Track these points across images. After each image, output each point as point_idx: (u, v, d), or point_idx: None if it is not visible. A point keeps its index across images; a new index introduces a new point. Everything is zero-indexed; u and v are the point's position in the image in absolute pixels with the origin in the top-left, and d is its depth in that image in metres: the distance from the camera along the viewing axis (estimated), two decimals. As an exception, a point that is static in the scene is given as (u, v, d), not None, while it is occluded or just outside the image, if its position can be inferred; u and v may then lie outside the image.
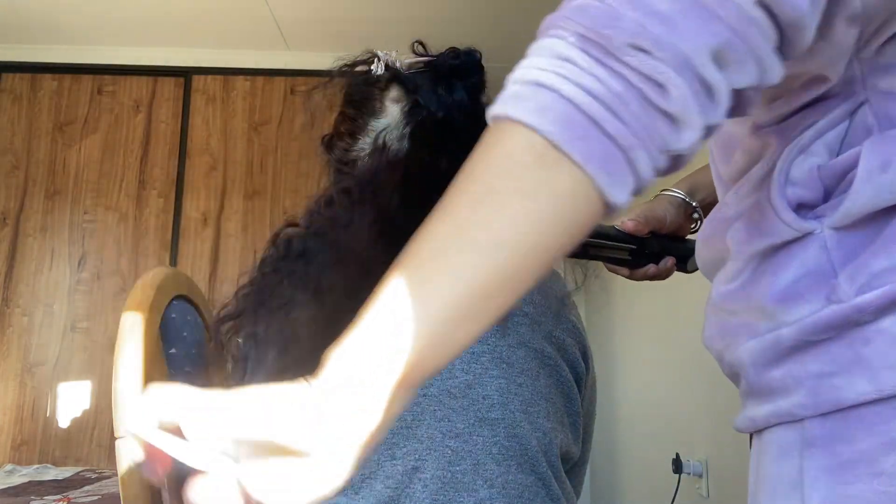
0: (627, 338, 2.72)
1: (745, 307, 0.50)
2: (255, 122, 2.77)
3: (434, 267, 0.38)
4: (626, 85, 0.36)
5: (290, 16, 2.58)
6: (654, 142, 0.37)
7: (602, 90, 0.36)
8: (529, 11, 2.54)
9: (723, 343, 0.54)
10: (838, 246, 0.44)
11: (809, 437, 0.44)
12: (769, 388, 0.48)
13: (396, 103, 0.83)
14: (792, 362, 0.46)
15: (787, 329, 0.45)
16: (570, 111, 0.36)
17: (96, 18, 2.61)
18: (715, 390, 1.79)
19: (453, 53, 0.86)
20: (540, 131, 0.36)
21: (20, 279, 2.61)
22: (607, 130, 0.36)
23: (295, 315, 0.69)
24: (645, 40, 0.36)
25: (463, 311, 0.37)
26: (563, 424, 0.77)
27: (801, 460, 0.44)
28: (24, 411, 2.53)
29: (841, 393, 0.42)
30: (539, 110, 0.37)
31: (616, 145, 0.36)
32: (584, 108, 0.36)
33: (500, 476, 0.69)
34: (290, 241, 0.79)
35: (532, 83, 0.38)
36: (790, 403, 0.45)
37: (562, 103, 0.36)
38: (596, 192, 0.36)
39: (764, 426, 0.49)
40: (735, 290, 0.51)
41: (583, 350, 0.83)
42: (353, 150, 0.85)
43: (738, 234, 0.50)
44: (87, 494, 1.82)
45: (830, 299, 0.44)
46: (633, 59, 0.36)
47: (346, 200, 0.79)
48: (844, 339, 0.43)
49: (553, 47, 0.39)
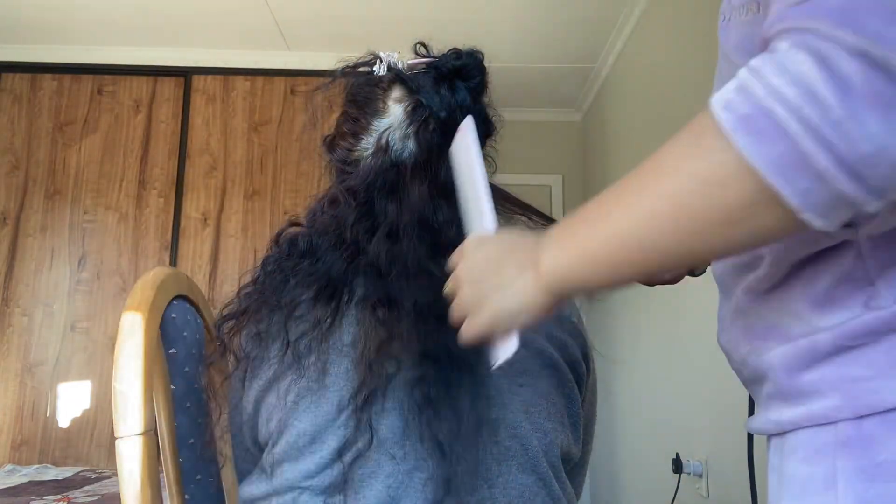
0: (628, 338, 2.72)
1: (778, 312, 0.50)
2: (255, 122, 2.77)
3: (607, 213, 0.47)
4: None
5: (290, 16, 2.58)
6: None
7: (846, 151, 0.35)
8: (529, 11, 2.54)
9: (748, 347, 0.54)
10: (872, 254, 0.45)
11: (844, 438, 0.45)
12: (801, 391, 0.49)
13: (399, 103, 0.83)
14: (827, 367, 0.47)
15: (823, 334, 0.46)
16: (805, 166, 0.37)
17: (96, 18, 2.60)
18: (715, 391, 1.79)
19: (455, 54, 0.86)
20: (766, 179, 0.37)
21: (20, 279, 2.61)
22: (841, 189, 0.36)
23: None
24: None
25: (610, 252, 0.46)
26: (564, 425, 0.77)
27: (835, 461, 0.46)
28: (24, 411, 2.53)
29: (879, 396, 0.44)
30: (773, 161, 0.37)
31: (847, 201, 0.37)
32: (794, 131, 0.36)
33: (501, 476, 0.69)
34: (294, 240, 0.79)
35: (766, 97, 0.37)
36: (824, 406, 0.46)
37: (789, 119, 0.36)
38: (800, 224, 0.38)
39: (791, 428, 0.50)
40: (766, 295, 0.51)
41: (584, 351, 0.83)
42: (355, 150, 0.85)
43: None
44: (87, 494, 1.82)
45: (869, 306, 0.45)
46: None
47: (350, 200, 0.79)
48: (882, 345, 0.44)
49: (801, 62, 0.36)
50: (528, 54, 2.86)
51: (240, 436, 0.81)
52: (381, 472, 0.68)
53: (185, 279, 0.90)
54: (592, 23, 2.61)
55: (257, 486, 0.75)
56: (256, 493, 0.74)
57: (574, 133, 3.56)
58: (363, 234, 0.76)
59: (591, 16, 2.55)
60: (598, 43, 2.78)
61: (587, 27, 2.64)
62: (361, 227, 0.76)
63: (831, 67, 0.34)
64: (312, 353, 0.71)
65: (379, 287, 0.72)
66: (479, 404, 0.69)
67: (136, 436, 0.71)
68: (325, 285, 0.73)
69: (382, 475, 0.68)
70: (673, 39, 2.10)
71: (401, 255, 0.73)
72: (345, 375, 0.70)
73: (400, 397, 0.69)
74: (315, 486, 0.69)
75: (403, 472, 0.68)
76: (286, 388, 0.72)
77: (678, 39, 2.04)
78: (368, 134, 0.84)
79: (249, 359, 0.75)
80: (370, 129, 0.84)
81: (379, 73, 0.85)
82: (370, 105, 0.84)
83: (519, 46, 2.79)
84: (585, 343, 0.84)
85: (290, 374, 0.72)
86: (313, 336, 0.71)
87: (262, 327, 0.74)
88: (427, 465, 0.67)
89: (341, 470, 0.68)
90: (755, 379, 0.56)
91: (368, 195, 0.79)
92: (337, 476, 0.68)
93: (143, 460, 0.70)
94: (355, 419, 0.68)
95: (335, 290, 0.73)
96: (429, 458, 0.67)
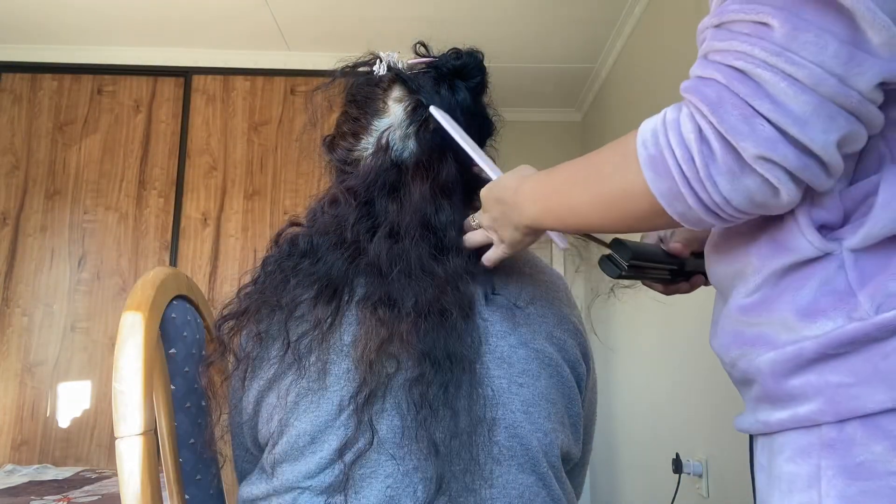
0: (627, 338, 2.72)
1: (766, 320, 0.54)
2: (255, 122, 2.77)
3: (558, 182, 0.66)
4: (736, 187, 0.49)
5: (290, 16, 2.58)
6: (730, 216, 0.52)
7: (706, 197, 0.51)
8: (529, 11, 2.54)
9: (738, 351, 0.58)
10: (855, 266, 0.49)
11: (827, 440, 0.49)
12: (787, 395, 0.52)
13: (399, 103, 0.83)
14: (811, 373, 0.50)
15: (809, 343, 0.50)
16: (672, 174, 0.52)
17: (96, 18, 2.61)
18: (715, 390, 1.79)
19: (455, 54, 0.86)
20: (652, 190, 0.53)
21: (20, 279, 2.61)
22: (687, 201, 0.51)
23: None
24: (776, 155, 0.46)
25: (559, 209, 0.65)
26: (564, 425, 0.76)
27: (819, 460, 0.49)
28: (24, 411, 2.53)
29: (860, 402, 0.48)
30: (661, 192, 0.53)
31: (689, 207, 0.52)
32: (676, 178, 0.51)
33: (501, 476, 0.69)
34: (294, 240, 0.79)
35: (665, 147, 0.52)
36: (809, 410, 0.50)
37: (673, 168, 0.51)
38: None
39: (777, 429, 0.54)
40: (756, 303, 0.55)
41: (584, 351, 0.83)
42: (355, 149, 0.85)
43: (761, 250, 0.55)
44: (87, 494, 1.82)
45: (852, 317, 0.48)
46: (761, 168, 0.47)
47: (351, 199, 0.79)
48: (863, 354, 0.48)
49: (688, 131, 0.50)
50: (528, 54, 2.86)
51: (240, 436, 0.81)
52: (381, 472, 0.68)
53: (185, 279, 0.90)
54: (592, 23, 2.61)
55: (257, 486, 0.75)
56: (256, 493, 0.74)
57: (574, 133, 3.56)
58: (364, 233, 0.76)
59: (591, 16, 2.55)
60: (598, 43, 2.78)
61: (587, 27, 2.64)
62: (362, 226, 0.76)
63: (705, 141, 0.49)
64: (313, 353, 0.71)
65: (380, 286, 0.72)
66: (476, 404, 0.69)
67: (136, 436, 0.71)
68: (326, 285, 0.73)
69: (382, 475, 0.68)
70: (673, 39, 2.10)
71: (402, 254, 0.73)
72: (345, 375, 0.70)
73: (399, 397, 0.69)
74: (315, 486, 0.69)
75: (403, 472, 0.68)
76: (286, 388, 0.72)
77: (678, 39, 2.04)
78: (369, 134, 0.84)
79: (250, 359, 0.74)
80: (370, 128, 0.84)
81: (379, 72, 0.86)
82: (370, 105, 0.84)
83: (519, 46, 2.79)
84: (585, 343, 0.84)
85: (291, 374, 0.72)
86: (314, 336, 0.71)
87: (262, 327, 0.74)
88: (426, 465, 0.67)
89: (342, 470, 0.68)
90: (744, 381, 0.59)
91: (369, 195, 0.79)
92: (337, 476, 0.68)
93: (143, 460, 0.70)
94: (356, 419, 0.68)
95: (336, 290, 0.73)
96: (426, 457, 0.67)
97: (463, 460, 0.66)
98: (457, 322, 0.70)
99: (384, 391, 0.69)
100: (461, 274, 0.74)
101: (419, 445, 0.67)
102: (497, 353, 0.73)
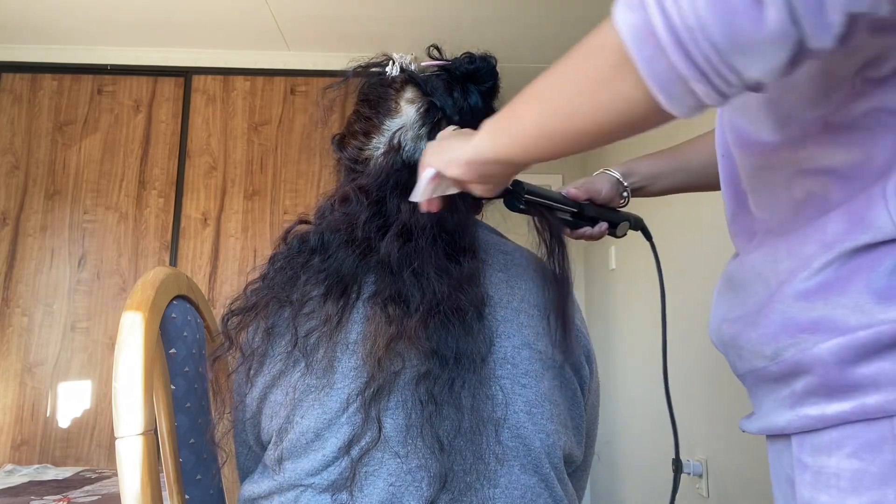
0: (628, 338, 2.72)
1: (834, 303, 0.50)
2: (255, 122, 2.77)
3: (523, 107, 0.58)
4: None
5: (290, 16, 2.58)
6: (720, 77, 0.40)
7: (679, 21, 0.40)
8: (529, 11, 2.54)
9: (789, 340, 0.53)
10: None
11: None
12: (853, 385, 0.48)
13: (412, 104, 0.84)
14: (886, 360, 0.47)
15: (886, 327, 0.46)
16: (650, 35, 0.42)
17: (96, 18, 2.61)
18: (715, 390, 1.79)
19: (469, 58, 0.87)
20: (626, 46, 0.43)
21: (20, 279, 2.61)
22: (672, 60, 0.41)
23: None
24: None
25: (529, 137, 0.56)
26: (567, 427, 0.76)
27: (893, 455, 0.45)
28: (24, 411, 2.53)
29: None
30: (631, 28, 0.43)
31: (678, 75, 0.41)
32: (659, 37, 0.41)
33: (503, 476, 0.69)
34: (304, 237, 0.79)
35: None
36: (881, 400, 0.46)
37: (648, 26, 0.42)
38: (655, 104, 0.44)
39: (834, 423, 0.50)
40: (820, 285, 0.51)
41: (586, 353, 0.83)
42: (366, 149, 0.85)
43: (835, 226, 0.51)
44: (87, 494, 1.82)
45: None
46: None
47: (362, 198, 0.79)
48: None
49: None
50: (528, 54, 2.86)
51: (243, 433, 0.81)
52: (384, 469, 0.68)
53: (185, 279, 0.90)
54: (592, 23, 2.59)
55: (259, 483, 0.75)
56: (259, 490, 0.74)
57: (574, 133, 3.55)
58: (375, 232, 0.76)
59: (591, 16, 2.55)
60: (599, 43, 2.77)
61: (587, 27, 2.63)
62: (373, 225, 0.77)
63: None
64: (320, 350, 0.71)
65: (390, 284, 0.72)
66: (482, 403, 0.69)
67: (136, 436, 0.71)
68: (337, 282, 0.73)
69: (385, 473, 0.68)
70: (673, 39, 2.10)
71: (413, 253, 0.73)
72: (351, 373, 0.70)
73: (405, 395, 0.69)
74: (318, 484, 0.69)
75: (406, 469, 0.68)
76: (291, 385, 0.72)
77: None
78: (380, 133, 0.84)
79: (256, 355, 0.75)
80: (382, 128, 0.84)
81: (391, 73, 0.86)
82: (383, 105, 0.85)
83: (519, 46, 2.79)
84: (588, 346, 0.84)
85: (296, 370, 0.72)
86: (322, 332, 0.71)
87: (269, 323, 0.75)
88: (430, 463, 0.67)
89: (346, 466, 0.68)
90: (789, 374, 0.55)
91: (381, 194, 0.79)
92: (342, 472, 0.68)
93: (143, 460, 0.70)
94: (363, 415, 0.68)
95: (346, 286, 0.73)
96: (430, 454, 0.67)
97: (466, 458, 0.67)
98: (472, 321, 0.71)
99: (390, 388, 0.69)
100: (475, 274, 0.74)
101: (424, 442, 0.67)
102: (501, 354, 0.73)
